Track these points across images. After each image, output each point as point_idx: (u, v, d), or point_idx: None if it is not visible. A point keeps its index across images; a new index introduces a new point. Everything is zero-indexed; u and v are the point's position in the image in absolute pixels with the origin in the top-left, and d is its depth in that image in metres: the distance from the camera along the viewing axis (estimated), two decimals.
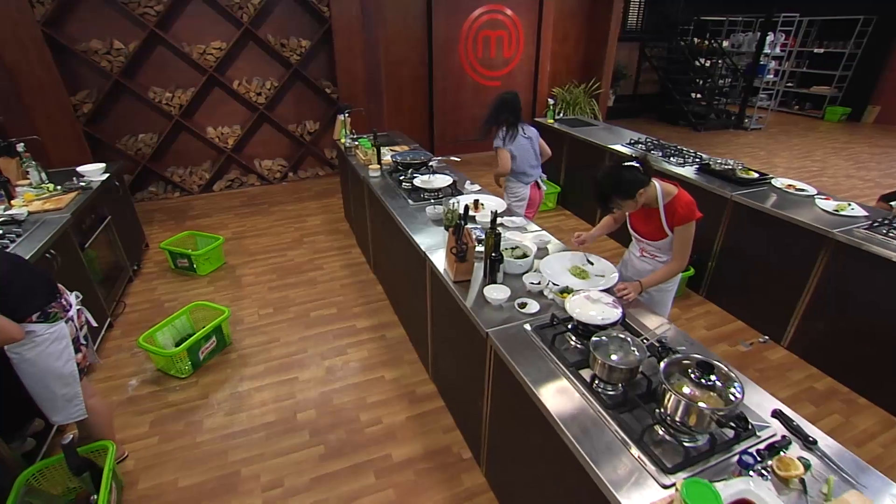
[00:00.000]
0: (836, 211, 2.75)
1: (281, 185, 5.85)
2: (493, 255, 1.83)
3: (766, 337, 3.00)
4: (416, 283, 2.56)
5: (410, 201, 2.82)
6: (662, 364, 1.29)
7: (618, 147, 4.14)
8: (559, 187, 4.95)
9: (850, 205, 2.79)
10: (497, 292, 1.85)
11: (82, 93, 4.82)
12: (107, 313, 3.13)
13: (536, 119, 5.29)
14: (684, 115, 8.82)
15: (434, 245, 2.33)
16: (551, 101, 5.13)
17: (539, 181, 3.30)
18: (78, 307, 1.93)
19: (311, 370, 2.79)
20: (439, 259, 2.20)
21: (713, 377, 1.22)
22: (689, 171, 3.53)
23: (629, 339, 1.44)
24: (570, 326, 1.65)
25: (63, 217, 2.74)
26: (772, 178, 3.29)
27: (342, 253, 4.15)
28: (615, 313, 1.59)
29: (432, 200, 2.80)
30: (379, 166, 3.30)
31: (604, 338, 1.45)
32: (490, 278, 1.90)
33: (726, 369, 1.26)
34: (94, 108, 4.84)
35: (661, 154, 3.90)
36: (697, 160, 3.72)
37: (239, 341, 3.04)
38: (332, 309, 3.35)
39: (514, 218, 2.58)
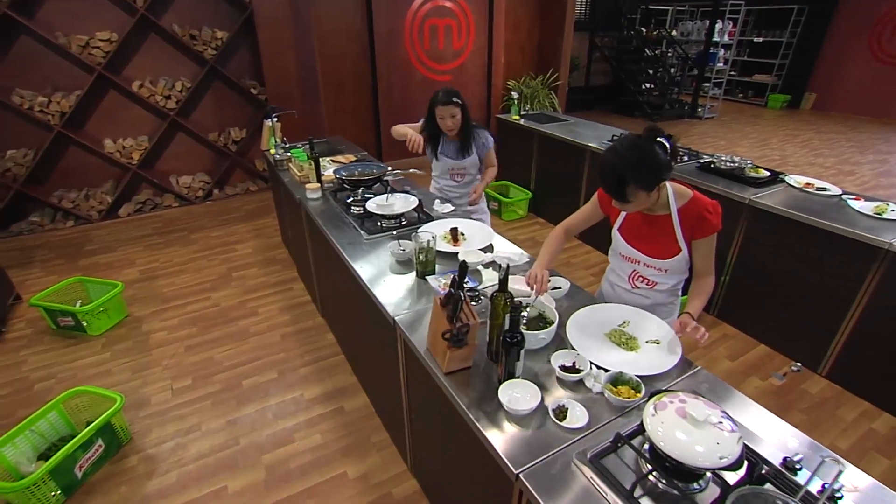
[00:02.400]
0: (878, 214, 2.33)
1: (204, 206, 4.91)
2: (510, 335, 1.17)
3: (799, 364, 2.57)
4: (382, 347, 1.87)
5: (364, 233, 2.12)
6: None
7: (595, 144, 3.62)
8: (530, 192, 4.38)
9: (889, 206, 2.39)
10: (521, 398, 1.19)
11: None
12: None
13: (498, 116, 4.70)
14: (639, 106, 8.60)
15: (404, 303, 1.65)
16: (515, 95, 4.56)
17: None
18: None
19: (245, 473, 2.03)
20: (414, 325, 1.53)
21: None
22: (688, 171, 3.05)
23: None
24: (647, 452, 1.03)
25: None
26: (784, 175, 2.87)
27: (281, 290, 3.36)
28: (734, 447, 0.95)
29: (395, 232, 2.10)
30: (319, 185, 2.56)
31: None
32: (505, 371, 1.24)
33: None
34: None
35: None
36: (695, 157, 3.26)
37: (142, 435, 2.22)
38: (272, 373, 2.59)
39: (514, 250, 1.95)
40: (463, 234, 2.02)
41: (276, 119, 3.45)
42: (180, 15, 4.41)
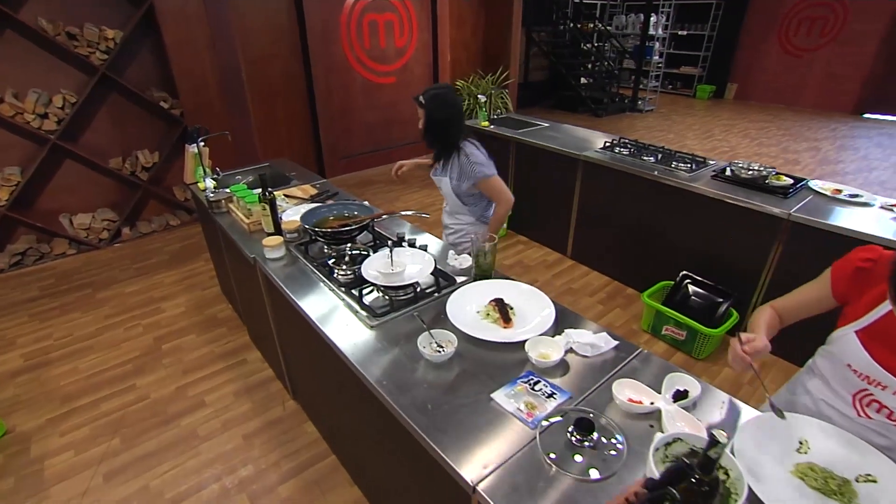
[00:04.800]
0: None
1: (112, 250, 3.92)
2: None
3: None
4: (406, 457, 1.29)
5: (368, 316, 1.49)
6: None
7: (590, 153, 3.23)
8: None
9: None
10: None
11: None
12: None
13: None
14: (582, 102, 8.49)
15: (470, 445, 1.09)
16: (483, 98, 4.06)
17: None
18: None
19: None
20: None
21: None
22: (703, 181, 2.73)
23: None
24: None
25: None
26: (808, 181, 2.63)
27: (232, 363, 2.61)
28: None
29: (415, 313, 1.50)
30: (281, 239, 1.88)
31: None
32: None
33: None
34: None
35: (653, 159, 3.07)
36: (702, 164, 2.96)
37: None
38: (240, 499, 1.89)
39: (589, 329, 1.43)
40: (513, 309, 1.47)
41: (202, 143, 2.68)
42: (48, 7, 3.40)
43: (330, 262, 1.72)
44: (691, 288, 2.75)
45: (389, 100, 5.70)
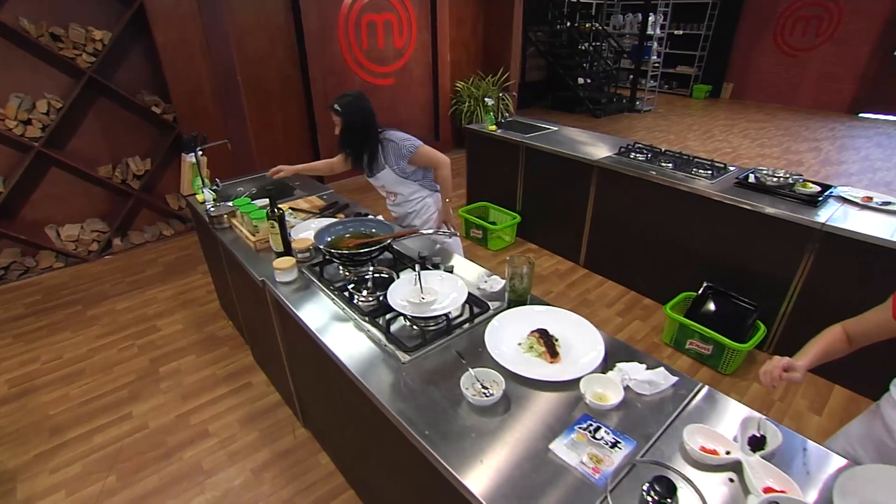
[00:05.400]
0: None
1: (102, 262, 3.73)
2: None
3: None
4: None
5: (400, 352, 1.35)
6: None
7: (605, 159, 3.11)
8: (517, 215, 3.79)
9: None
10: None
11: None
12: None
13: (468, 127, 4.05)
14: (580, 102, 8.40)
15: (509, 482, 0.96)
16: (490, 102, 3.92)
17: None
18: None
19: None
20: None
21: None
22: (725, 189, 2.63)
23: None
24: None
25: None
26: (835, 188, 2.54)
27: (236, 387, 2.45)
28: None
29: (455, 349, 1.35)
30: (293, 260, 1.73)
31: None
32: None
33: None
34: None
35: (671, 165, 2.96)
36: (722, 170, 2.86)
37: None
38: None
39: (641, 364, 1.31)
40: (558, 341, 1.34)
41: (200, 153, 2.51)
42: (30, 6, 3.20)
43: (350, 287, 1.57)
44: (715, 299, 2.65)
45: (388, 102, 5.55)
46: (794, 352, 1.42)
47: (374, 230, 1.80)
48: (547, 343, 1.32)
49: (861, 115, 8.40)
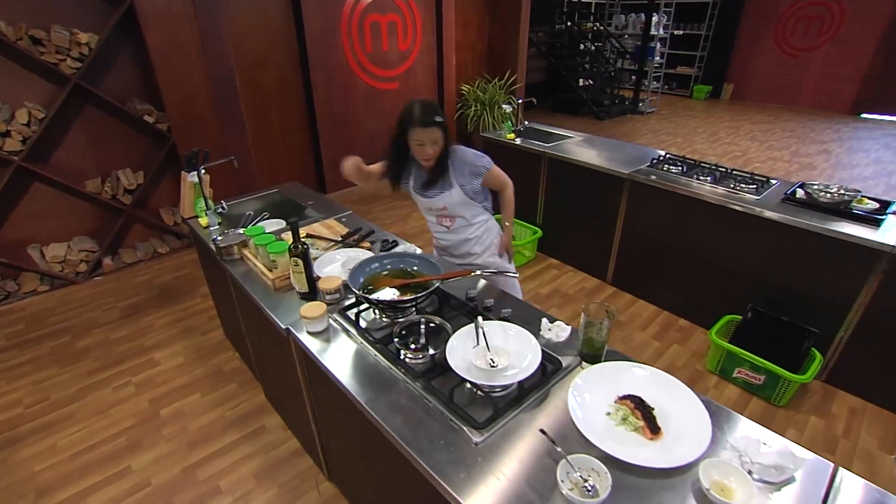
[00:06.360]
0: None
1: (92, 285, 3.44)
2: None
3: None
4: None
5: (471, 431, 1.12)
6: None
7: (638, 172, 2.91)
8: (538, 229, 3.59)
9: None
10: None
11: None
12: None
13: (485, 135, 3.83)
14: (583, 104, 8.22)
15: None
16: (508, 108, 3.70)
17: None
18: None
19: None
20: None
21: None
22: (772, 206, 2.44)
23: None
24: None
25: None
26: (894, 204, 2.36)
27: (249, 433, 2.20)
28: None
29: (523, 413, 1.14)
30: (323, 307, 1.48)
31: None
32: None
33: None
34: None
35: (710, 179, 2.77)
36: (764, 183, 2.67)
37: None
38: None
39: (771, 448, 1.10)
40: (654, 409, 1.13)
41: (203, 171, 2.26)
42: (7, 6, 2.91)
43: (394, 341, 1.34)
44: (765, 324, 2.46)
45: (392, 107, 5.31)
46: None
47: (416, 268, 1.57)
48: (645, 415, 1.11)
49: (863, 115, 8.34)
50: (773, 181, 2.73)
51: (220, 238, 1.97)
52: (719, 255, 2.70)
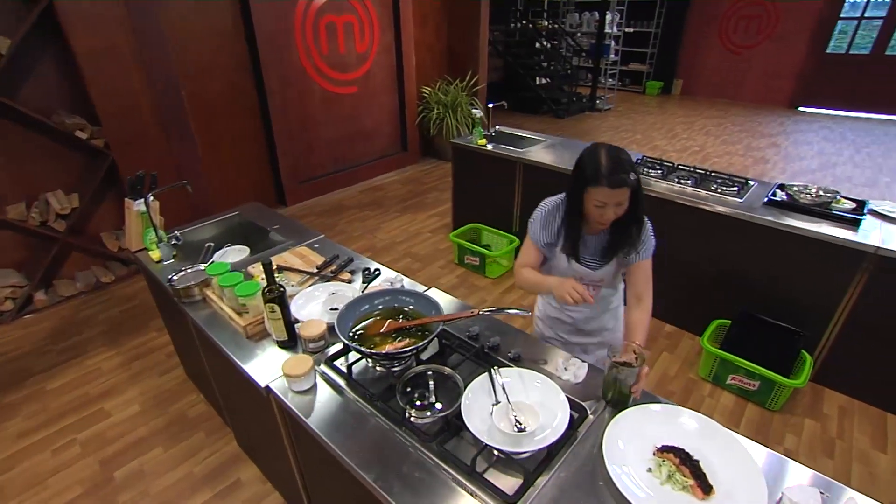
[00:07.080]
0: None
1: (22, 325, 3.02)
2: None
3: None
4: None
5: None
6: None
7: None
8: (515, 237, 3.48)
9: None
10: None
11: None
12: None
13: (454, 142, 3.68)
14: (542, 103, 8.23)
15: None
16: (478, 114, 3.56)
17: None
18: None
19: None
20: None
21: None
22: (756, 209, 2.43)
23: None
24: None
25: None
26: (868, 203, 2.40)
27: (223, 493, 1.95)
28: None
29: (555, 477, 1.00)
30: (310, 362, 1.27)
31: None
32: None
33: None
34: None
35: (690, 182, 2.74)
36: (743, 185, 2.67)
37: None
38: None
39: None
40: (699, 461, 1.02)
41: (151, 198, 1.99)
42: None
43: (395, 397, 1.16)
44: (754, 327, 2.45)
45: (351, 112, 5.07)
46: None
47: (411, 306, 1.40)
48: (694, 472, 1.00)
49: (801, 108, 8.83)
50: (752, 182, 2.73)
51: (176, 278, 1.72)
52: (704, 258, 2.67)
